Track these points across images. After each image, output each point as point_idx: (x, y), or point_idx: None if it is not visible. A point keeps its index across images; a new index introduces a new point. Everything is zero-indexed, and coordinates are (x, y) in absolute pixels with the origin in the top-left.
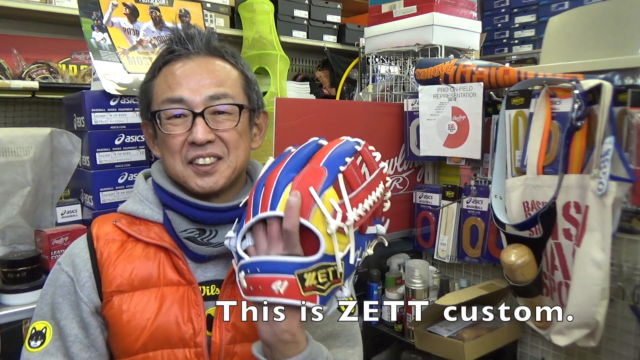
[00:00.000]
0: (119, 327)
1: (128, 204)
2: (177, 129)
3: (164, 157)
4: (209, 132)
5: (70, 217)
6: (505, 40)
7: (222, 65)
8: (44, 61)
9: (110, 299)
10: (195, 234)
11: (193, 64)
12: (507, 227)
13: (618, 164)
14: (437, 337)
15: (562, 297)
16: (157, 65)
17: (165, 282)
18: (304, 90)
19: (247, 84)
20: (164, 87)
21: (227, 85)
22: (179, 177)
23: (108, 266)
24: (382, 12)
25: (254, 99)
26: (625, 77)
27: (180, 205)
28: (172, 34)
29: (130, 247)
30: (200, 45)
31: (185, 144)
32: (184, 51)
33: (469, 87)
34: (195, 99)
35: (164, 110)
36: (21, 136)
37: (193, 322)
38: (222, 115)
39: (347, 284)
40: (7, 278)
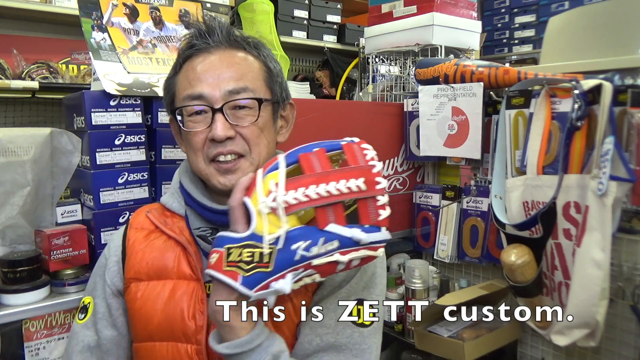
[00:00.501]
0: (132, 312)
1: (165, 195)
2: (198, 126)
3: (188, 154)
4: (229, 128)
5: (70, 217)
6: (505, 40)
7: (244, 57)
8: (44, 61)
9: (129, 284)
10: (208, 232)
11: (213, 58)
12: (507, 227)
13: (618, 164)
14: (437, 337)
15: (562, 297)
16: (179, 61)
17: (178, 275)
18: (304, 90)
19: (270, 76)
20: (184, 84)
21: (248, 78)
22: (202, 174)
23: (132, 254)
24: (382, 12)
25: (277, 91)
26: (625, 77)
27: (196, 205)
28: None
29: (154, 237)
30: (220, 38)
31: (207, 141)
32: (204, 45)
33: (469, 87)
34: (214, 94)
35: (184, 107)
36: (21, 136)
37: (196, 318)
38: (242, 111)
39: (289, 278)
40: (7, 278)
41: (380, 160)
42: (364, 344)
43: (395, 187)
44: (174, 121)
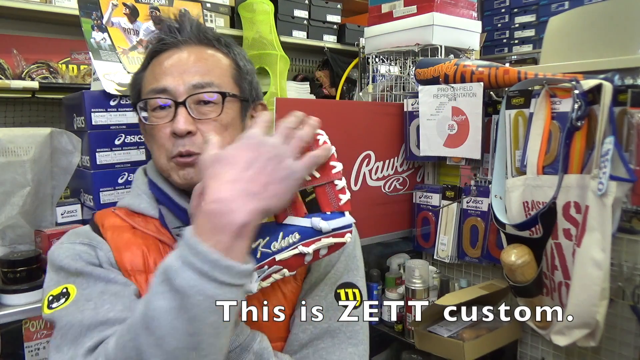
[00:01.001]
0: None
1: (126, 198)
2: (160, 120)
3: (152, 150)
4: (190, 123)
5: (70, 217)
6: (505, 40)
7: (212, 54)
8: (44, 61)
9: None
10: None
11: (181, 54)
12: (507, 227)
13: (618, 164)
14: (437, 337)
15: (562, 297)
16: (147, 57)
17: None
18: (304, 90)
19: (239, 73)
20: (150, 79)
21: (214, 74)
22: (163, 170)
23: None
24: (382, 12)
25: (246, 88)
26: (625, 77)
27: (171, 205)
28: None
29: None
30: (190, 35)
31: (170, 136)
32: (173, 41)
33: (469, 87)
34: (178, 88)
35: (147, 100)
36: (21, 136)
37: None
38: (207, 106)
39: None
40: (7, 278)
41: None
42: (357, 325)
43: (395, 187)
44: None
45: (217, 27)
